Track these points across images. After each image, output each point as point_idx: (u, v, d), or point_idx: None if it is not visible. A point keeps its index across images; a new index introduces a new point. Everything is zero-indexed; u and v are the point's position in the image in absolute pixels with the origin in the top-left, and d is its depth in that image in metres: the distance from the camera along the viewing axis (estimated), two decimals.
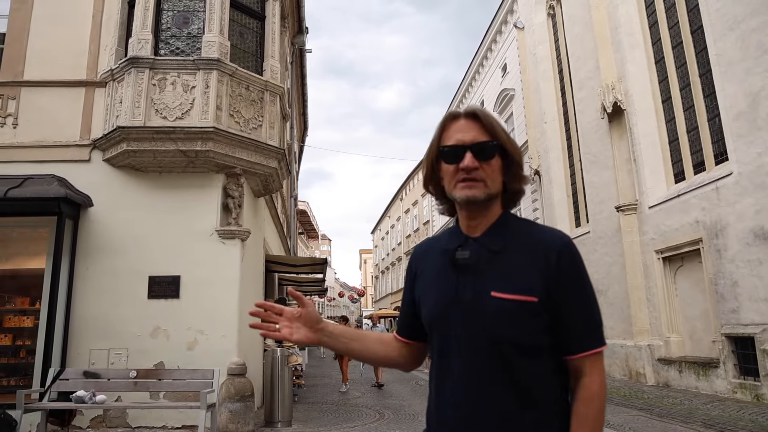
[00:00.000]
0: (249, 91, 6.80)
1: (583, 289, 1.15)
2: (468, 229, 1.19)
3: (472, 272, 1.13)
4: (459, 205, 1.19)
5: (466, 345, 1.11)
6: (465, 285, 1.13)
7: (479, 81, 23.75)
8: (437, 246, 1.27)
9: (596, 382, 1.12)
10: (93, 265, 6.28)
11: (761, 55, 8.05)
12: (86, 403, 5.19)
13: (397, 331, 1.36)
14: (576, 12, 14.02)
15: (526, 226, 1.21)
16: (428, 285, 1.23)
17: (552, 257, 1.12)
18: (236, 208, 6.59)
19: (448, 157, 1.16)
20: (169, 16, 6.80)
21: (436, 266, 1.22)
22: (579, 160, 14.48)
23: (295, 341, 1.24)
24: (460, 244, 1.18)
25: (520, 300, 1.09)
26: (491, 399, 1.08)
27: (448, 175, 1.17)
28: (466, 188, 1.13)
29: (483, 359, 1.09)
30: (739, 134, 8.53)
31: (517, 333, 1.09)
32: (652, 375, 10.58)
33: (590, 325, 1.14)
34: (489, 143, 1.14)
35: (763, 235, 7.99)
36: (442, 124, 1.20)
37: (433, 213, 33.08)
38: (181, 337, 6.16)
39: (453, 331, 1.13)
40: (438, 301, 1.17)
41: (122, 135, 6.16)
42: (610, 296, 12.34)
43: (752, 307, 8.14)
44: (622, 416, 7.11)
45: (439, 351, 1.17)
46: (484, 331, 1.09)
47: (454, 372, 1.12)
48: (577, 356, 1.12)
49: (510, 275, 1.11)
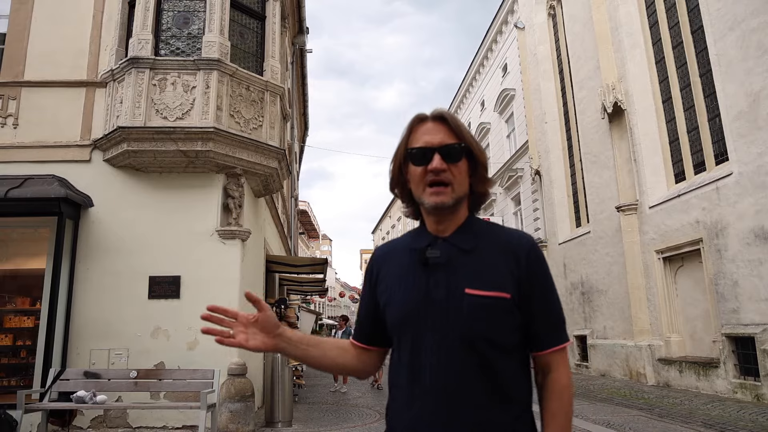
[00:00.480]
0: (249, 92, 6.80)
1: (550, 289, 1.20)
2: (436, 230, 1.20)
3: (444, 270, 1.14)
4: (426, 209, 1.20)
5: (441, 343, 1.11)
6: (437, 283, 1.13)
7: (480, 81, 23.74)
8: (401, 247, 1.26)
9: (565, 375, 1.17)
10: (93, 265, 6.29)
11: (761, 55, 8.05)
12: (87, 403, 5.20)
13: (355, 337, 1.32)
14: (576, 12, 14.02)
15: (493, 228, 1.24)
16: (395, 285, 1.20)
17: (522, 258, 1.16)
18: (236, 209, 6.59)
19: (416, 158, 1.16)
20: (169, 16, 6.81)
21: (403, 266, 1.20)
22: (579, 160, 14.47)
23: (251, 348, 1.16)
24: (429, 243, 1.18)
25: (495, 296, 1.12)
26: (468, 395, 1.10)
27: (417, 177, 1.17)
28: (435, 195, 1.14)
29: (459, 356, 1.10)
30: (740, 134, 8.53)
31: (491, 329, 1.11)
32: (653, 375, 10.58)
33: (557, 322, 1.20)
34: (457, 146, 1.16)
35: (763, 235, 7.99)
36: (409, 127, 1.20)
37: None
38: (182, 337, 6.16)
39: (426, 329, 1.12)
40: (408, 300, 1.15)
41: (123, 135, 6.16)
42: (611, 296, 12.34)
43: (753, 307, 8.14)
44: (622, 416, 7.11)
45: (410, 351, 1.14)
46: (460, 328, 1.10)
47: (427, 370, 1.11)
48: (546, 352, 1.17)
49: (483, 273, 1.14)
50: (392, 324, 1.19)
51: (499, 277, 1.14)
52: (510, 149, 19.92)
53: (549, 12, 16.76)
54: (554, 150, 15.87)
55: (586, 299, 13.62)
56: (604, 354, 12.51)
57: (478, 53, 23.02)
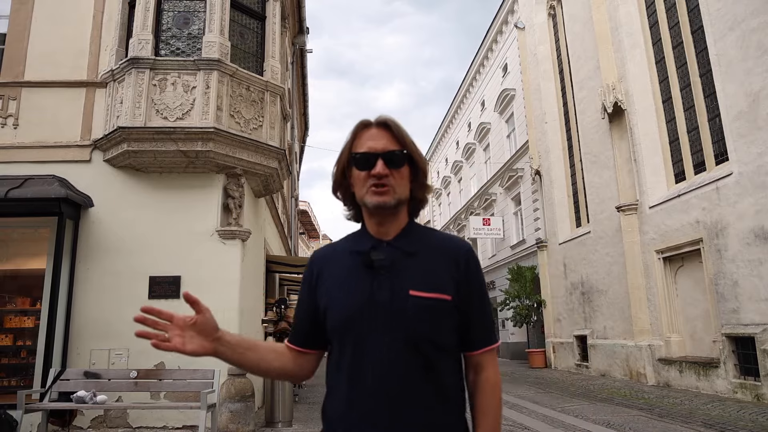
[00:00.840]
0: (249, 92, 6.81)
1: (484, 292, 1.27)
2: (378, 233, 1.23)
3: (388, 273, 1.17)
4: (369, 211, 1.23)
5: (385, 344, 1.13)
6: (381, 285, 1.16)
7: (480, 81, 23.75)
8: (342, 250, 1.27)
9: (495, 374, 1.25)
10: (94, 265, 6.29)
11: (761, 56, 8.05)
12: (87, 403, 5.20)
13: (292, 341, 1.29)
14: (576, 12, 14.02)
15: (432, 232, 1.29)
16: (337, 287, 1.20)
17: (461, 262, 1.22)
18: (237, 209, 6.60)
19: (360, 163, 1.19)
20: (169, 16, 6.81)
21: (345, 269, 1.21)
22: (580, 160, 14.47)
23: (188, 353, 1.12)
24: (372, 246, 1.20)
25: (437, 298, 1.16)
26: (411, 396, 1.12)
27: (360, 181, 1.20)
28: (377, 195, 1.18)
29: (403, 357, 1.13)
30: (740, 134, 8.53)
31: (434, 330, 1.16)
32: (653, 375, 10.58)
33: (489, 324, 1.27)
34: (399, 152, 1.20)
35: (763, 235, 7.99)
36: (354, 132, 1.24)
37: (434, 213, 33.11)
38: None
39: (370, 331, 1.14)
40: (352, 302, 1.16)
41: (123, 135, 6.17)
42: (611, 296, 12.34)
43: (753, 307, 8.14)
44: (622, 416, 7.12)
45: (352, 353, 1.15)
46: (404, 329, 1.13)
47: (370, 372, 1.12)
48: (479, 352, 1.23)
49: (425, 276, 1.18)
50: (333, 326, 1.19)
51: (441, 280, 1.18)
52: (510, 149, 19.93)
53: (549, 12, 16.76)
54: (554, 150, 15.87)
55: (586, 299, 13.62)
56: (604, 354, 12.51)
57: (479, 53, 23.03)
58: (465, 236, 25.40)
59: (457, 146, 27.50)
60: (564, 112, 15.85)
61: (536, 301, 16.07)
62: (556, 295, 15.49)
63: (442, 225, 30.52)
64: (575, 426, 6.60)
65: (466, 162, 25.87)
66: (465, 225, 24.45)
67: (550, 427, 6.64)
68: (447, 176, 29.49)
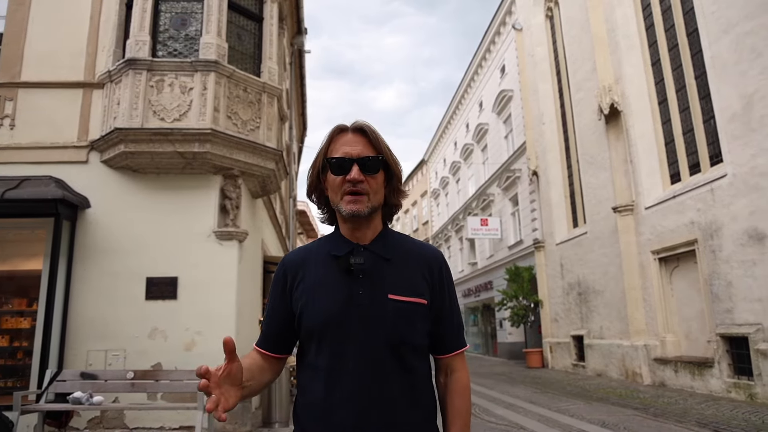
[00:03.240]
0: (246, 93, 6.83)
1: (455, 297, 1.32)
2: (353, 237, 1.24)
3: (367, 277, 1.19)
4: (343, 218, 1.24)
5: (365, 347, 1.15)
6: (360, 289, 1.18)
7: (478, 82, 23.80)
8: (318, 252, 1.26)
9: (466, 376, 1.30)
10: (91, 266, 6.30)
11: (755, 58, 8.10)
12: (83, 404, 5.21)
13: (266, 347, 1.26)
14: (574, 14, 14.07)
15: (406, 238, 1.32)
16: (315, 290, 1.20)
17: (435, 268, 1.27)
18: (234, 210, 6.62)
19: (335, 168, 1.20)
20: (166, 17, 6.83)
21: (323, 271, 1.22)
22: (576, 161, 14.53)
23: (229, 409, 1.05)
24: (350, 250, 1.22)
25: (415, 302, 1.20)
26: (390, 398, 1.15)
27: (335, 186, 1.21)
28: (352, 203, 1.19)
29: (383, 360, 1.15)
30: (734, 136, 8.58)
31: (412, 334, 1.19)
32: (648, 375, 10.63)
33: (460, 327, 1.32)
34: (374, 158, 1.21)
35: (756, 236, 8.04)
36: (330, 137, 1.25)
37: (433, 213, 33.14)
38: (179, 338, 6.18)
39: (349, 334, 1.15)
40: (331, 304, 1.17)
41: (120, 136, 6.18)
42: (607, 296, 12.39)
43: (746, 307, 8.19)
44: (617, 416, 7.16)
45: (330, 356, 1.15)
46: (384, 332, 1.16)
47: (349, 375, 1.14)
48: (451, 354, 1.28)
49: (402, 280, 1.21)
50: (311, 327, 1.18)
51: (417, 285, 1.22)
52: (508, 150, 19.97)
53: (546, 14, 16.81)
54: (551, 151, 15.92)
55: (582, 299, 13.67)
56: (600, 354, 12.56)
57: (477, 54, 23.08)
58: (463, 236, 25.45)
59: (456, 147, 27.54)
60: (561, 114, 15.91)
61: (533, 301, 16.12)
62: (553, 296, 15.54)
63: (441, 225, 30.55)
64: (571, 426, 6.64)
65: (464, 162, 25.91)
66: (463, 225, 24.48)
67: (546, 426, 6.67)
68: (445, 177, 29.53)
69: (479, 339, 24.23)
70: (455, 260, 27.78)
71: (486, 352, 22.82)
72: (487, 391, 10.31)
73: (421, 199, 36.56)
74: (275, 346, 1.27)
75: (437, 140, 31.78)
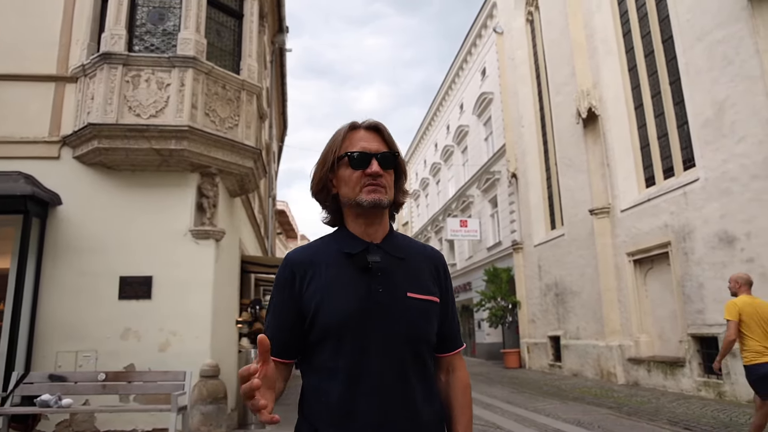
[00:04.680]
0: (225, 90, 6.74)
1: (454, 298, 1.36)
2: (366, 235, 1.24)
3: (385, 275, 1.19)
4: (358, 211, 1.23)
5: (388, 345, 1.15)
6: (379, 287, 1.18)
7: (459, 84, 23.95)
8: (328, 251, 1.24)
9: (466, 374, 1.35)
10: (61, 265, 6.13)
11: (726, 66, 8.32)
12: (51, 407, 5.07)
13: (274, 351, 1.15)
14: (553, 18, 14.26)
15: (409, 239, 1.34)
16: (331, 289, 1.17)
17: (440, 268, 1.31)
18: (211, 208, 6.52)
19: (355, 162, 1.21)
20: (143, 11, 6.69)
21: (338, 270, 1.19)
22: (555, 163, 14.72)
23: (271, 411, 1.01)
24: (364, 248, 1.21)
25: (430, 300, 1.23)
26: (411, 394, 1.16)
27: (352, 181, 1.21)
28: (373, 192, 1.20)
29: (404, 357, 1.16)
30: (706, 141, 8.80)
31: (429, 331, 1.22)
32: (623, 374, 10.83)
33: (458, 328, 1.37)
34: (392, 154, 1.24)
35: (726, 239, 8.25)
36: (343, 134, 1.26)
37: (413, 214, 33.22)
38: (153, 338, 6.06)
39: (371, 331, 1.15)
40: (351, 303, 1.15)
41: (93, 132, 6.03)
42: (584, 297, 12.58)
43: (716, 308, 8.39)
44: (592, 415, 7.27)
45: (350, 354, 1.14)
46: (405, 329, 1.17)
47: (372, 373, 1.13)
48: (453, 353, 1.33)
49: (416, 279, 1.23)
50: (328, 328, 1.15)
51: (429, 284, 1.25)
52: (488, 152, 20.14)
53: (527, 17, 17.00)
54: (531, 153, 16.10)
55: (560, 300, 13.85)
56: (576, 354, 12.74)
57: (458, 56, 23.22)
58: (442, 237, 25.56)
59: (436, 148, 27.67)
60: (540, 116, 16.10)
61: (511, 302, 16.28)
62: (530, 297, 15.71)
63: (421, 226, 30.64)
64: (547, 425, 6.71)
65: (444, 164, 26.05)
66: (443, 226, 24.59)
67: (522, 426, 6.73)
68: (425, 178, 29.64)
69: None
70: None
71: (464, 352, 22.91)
72: None
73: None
74: (285, 351, 1.21)
75: (418, 141, 31.89)
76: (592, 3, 12.44)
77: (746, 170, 7.92)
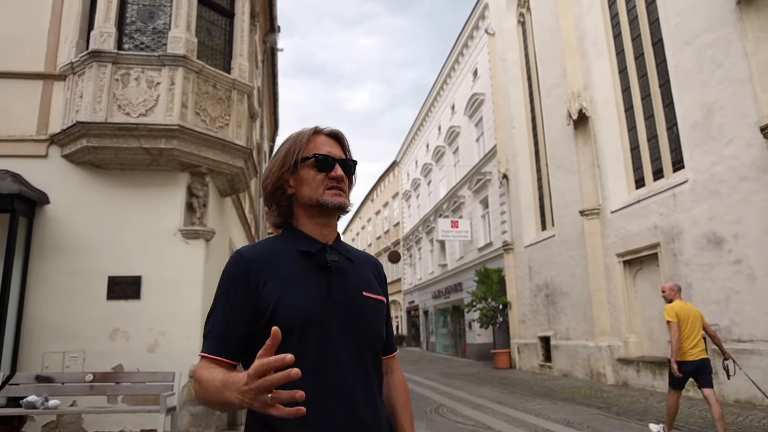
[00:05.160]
0: (216, 89, 6.69)
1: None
2: (321, 236, 1.27)
3: (342, 275, 1.23)
4: (315, 212, 1.26)
5: (350, 342, 1.18)
6: (339, 286, 1.21)
7: (450, 85, 24.01)
8: (284, 249, 1.23)
9: (403, 375, 1.44)
10: (49, 264, 6.06)
11: (715, 69, 8.41)
12: (38, 408, 5.01)
13: (225, 353, 1.13)
14: (545, 20, 14.34)
15: (349, 245, 1.41)
16: (292, 286, 1.17)
17: (381, 274, 1.38)
18: (201, 208, 6.48)
19: (321, 164, 1.25)
20: (134, 9, 6.63)
21: (296, 268, 1.20)
22: (546, 164, 14.80)
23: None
24: (321, 247, 1.24)
25: (380, 300, 1.29)
26: (368, 389, 1.20)
27: (316, 182, 1.25)
28: (337, 196, 1.25)
29: (365, 354, 1.21)
30: (695, 143, 8.89)
31: (382, 330, 1.28)
32: (612, 375, 10.90)
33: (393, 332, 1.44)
34: (352, 162, 1.31)
35: (715, 240, 8.34)
36: (308, 137, 1.28)
37: (404, 215, 33.25)
38: (142, 339, 6.00)
39: (334, 329, 1.16)
40: (315, 300, 1.16)
41: (82, 130, 5.97)
42: (574, 298, 12.65)
43: (704, 309, 8.46)
44: (582, 415, 7.31)
45: (315, 350, 1.13)
46: (362, 327, 1.22)
47: (337, 369, 1.15)
48: (392, 355, 1.40)
49: (367, 280, 1.29)
50: (291, 325, 1.12)
51: (376, 285, 1.31)
52: (479, 153, 20.21)
53: (518, 19, 17.08)
54: (521, 154, 16.18)
55: (550, 301, 13.92)
56: (566, 355, 12.82)
57: (450, 57, 23.28)
58: (434, 238, 25.61)
59: (428, 149, 27.71)
60: (531, 118, 16.18)
61: (502, 302, 16.34)
62: (521, 297, 15.78)
63: (412, 227, 30.68)
64: (537, 425, 6.74)
65: (435, 164, 26.09)
66: (434, 227, 24.64)
67: (512, 426, 6.76)
68: (417, 178, 29.67)
69: (448, 340, 24.42)
70: (426, 262, 27.94)
71: (455, 353, 23.00)
72: (455, 392, 10.38)
73: (393, 201, 36.63)
74: (236, 353, 1.15)
75: (409, 142, 31.93)
76: (582, 5, 12.53)
77: (734, 172, 8.01)
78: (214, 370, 1.08)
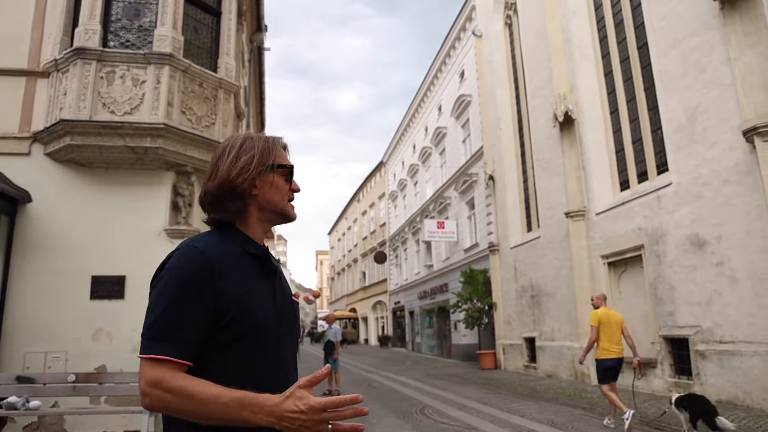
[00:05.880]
0: (202, 88, 6.64)
1: None
2: (260, 241, 1.31)
3: (279, 279, 1.30)
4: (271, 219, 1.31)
5: (291, 342, 1.29)
6: (279, 289, 1.28)
7: (438, 86, 24.08)
8: (233, 250, 1.19)
9: None
10: (30, 263, 5.96)
11: (699, 73, 8.55)
12: (18, 409, 4.92)
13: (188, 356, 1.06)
14: (531, 22, 14.46)
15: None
16: (252, 289, 1.17)
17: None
18: (186, 207, 6.42)
19: (290, 176, 1.32)
20: (119, 6, 6.55)
21: (248, 271, 1.19)
22: (532, 166, 14.91)
23: None
24: (266, 251, 1.28)
25: (297, 301, 1.44)
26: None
27: (283, 191, 1.30)
28: (293, 209, 1.34)
29: (294, 351, 1.32)
30: (679, 146, 9.02)
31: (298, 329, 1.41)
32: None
33: None
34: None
35: (698, 242, 8.48)
36: (281, 146, 1.33)
37: (390, 215, 33.27)
38: (126, 339, 5.93)
39: (281, 330, 1.24)
40: (269, 306, 1.21)
41: (66, 128, 5.88)
42: (558, 299, 12.76)
43: (687, 310, 8.62)
44: (566, 416, 7.38)
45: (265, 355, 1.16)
46: (296, 327, 1.35)
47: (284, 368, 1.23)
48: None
49: (287, 283, 1.37)
50: (247, 330, 1.12)
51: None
52: (466, 154, 20.29)
53: (506, 21, 17.20)
54: (508, 156, 16.28)
55: (535, 302, 14.03)
56: (551, 355, 12.92)
57: (437, 58, 23.35)
58: (420, 239, 25.67)
59: (414, 150, 27.76)
60: (518, 119, 16.30)
61: (487, 303, 16.41)
62: (506, 298, 15.88)
63: (398, 227, 30.71)
64: (521, 426, 6.79)
65: (422, 165, 26.15)
66: (420, 228, 24.69)
67: (496, 427, 6.80)
68: (403, 179, 29.71)
69: (434, 341, 24.47)
70: (412, 262, 27.98)
71: (440, 353, 23.06)
72: (440, 393, 10.41)
73: (379, 201, 36.64)
74: (193, 352, 1.08)
75: (396, 142, 31.95)
76: (569, 8, 12.65)
77: (717, 175, 8.15)
78: (201, 382, 1.03)
